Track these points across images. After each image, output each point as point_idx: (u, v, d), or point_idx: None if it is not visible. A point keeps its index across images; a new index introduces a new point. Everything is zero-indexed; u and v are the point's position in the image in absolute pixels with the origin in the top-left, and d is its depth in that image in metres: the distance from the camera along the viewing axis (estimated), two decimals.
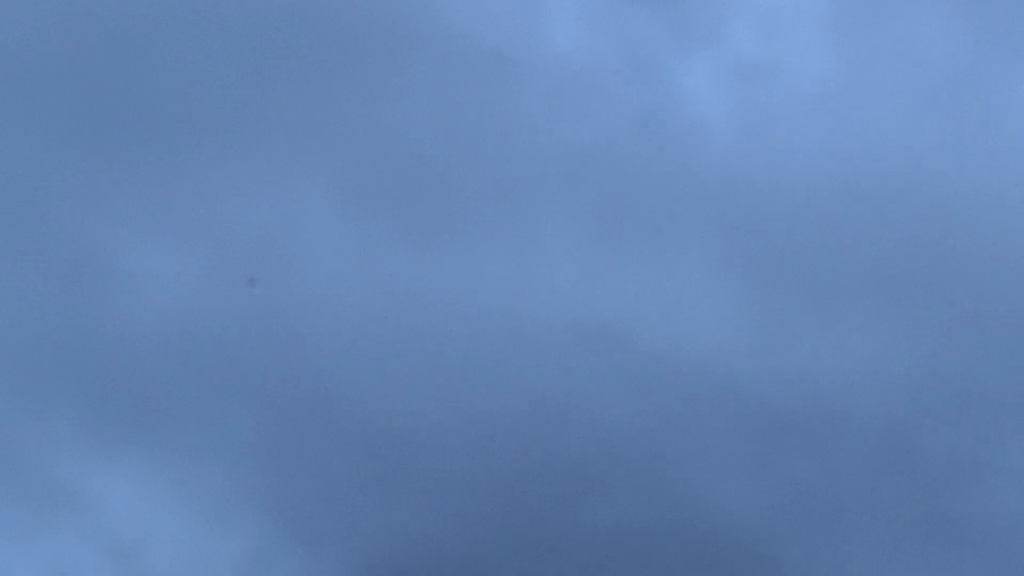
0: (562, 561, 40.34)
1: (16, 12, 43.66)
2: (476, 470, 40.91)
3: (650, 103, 46.40)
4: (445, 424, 41.43)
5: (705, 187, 45.09)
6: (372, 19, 45.90)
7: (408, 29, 46.21)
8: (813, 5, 46.87)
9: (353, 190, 44.57)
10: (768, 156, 45.42)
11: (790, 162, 45.06)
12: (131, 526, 39.33)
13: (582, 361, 42.81)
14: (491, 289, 43.40)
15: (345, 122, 44.91)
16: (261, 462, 40.41)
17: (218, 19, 44.75)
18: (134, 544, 39.11)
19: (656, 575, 40.52)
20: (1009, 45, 46.47)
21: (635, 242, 44.85)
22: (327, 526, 39.86)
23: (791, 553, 40.69)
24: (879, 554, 40.84)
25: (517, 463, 41.13)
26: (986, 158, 44.41)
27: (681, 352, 42.50)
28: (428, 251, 43.75)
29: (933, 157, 44.36)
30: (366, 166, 44.78)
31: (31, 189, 42.79)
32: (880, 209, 44.17)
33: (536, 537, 40.53)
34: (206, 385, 40.97)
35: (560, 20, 46.51)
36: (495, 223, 44.53)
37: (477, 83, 46.18)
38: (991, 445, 41.43)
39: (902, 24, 46.61)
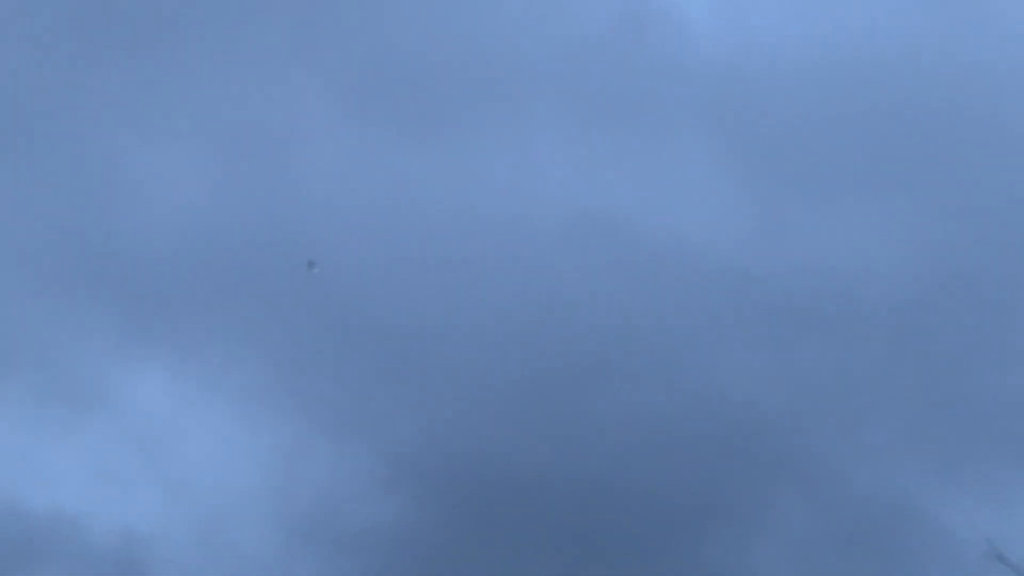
0: (578, 447, 40.52)
1: None
2: (490, 362, 41.20)
3: None
4: (457, 319, 41.55)
5: (692, 76, 45.16)
6: None
7: None
8: None
9: (351, 90, 44.77)
10: (751, 43, 45.37)
11: (774, 49, 44.97)
12: (164, 423, 39.33)
13: (585, 253, 42.91)
14: (490, 185, 43.52)
15: (341, 23, 44.76)
16: (286, 360, 40.38)
17: None
18: (167, 441, 39.18)
19: (674, 464, 40.79)
20: None
21: (628, 134, 44.92)
22: (353, 419, 39.89)
23: (808, 437, 41.11)
24: (895, 436, 41.35)
25: (530, 355, 41.42)
26: (978, 39, 44.36)
27: (684, 242, 42.73)
28: (426, 149, 43.75)
29: (925, 38, 44.34)
30: (363, 66, 44.86)
31: (41, 102, 42.29)
32: (874, 93, 44.21)
33: (551, 424, 40.73)
34: (225, 287, 41.01)
35: None
36: (490, 121, 44.61)
37: None
38: (1001, 325, 41.95)
39: None
